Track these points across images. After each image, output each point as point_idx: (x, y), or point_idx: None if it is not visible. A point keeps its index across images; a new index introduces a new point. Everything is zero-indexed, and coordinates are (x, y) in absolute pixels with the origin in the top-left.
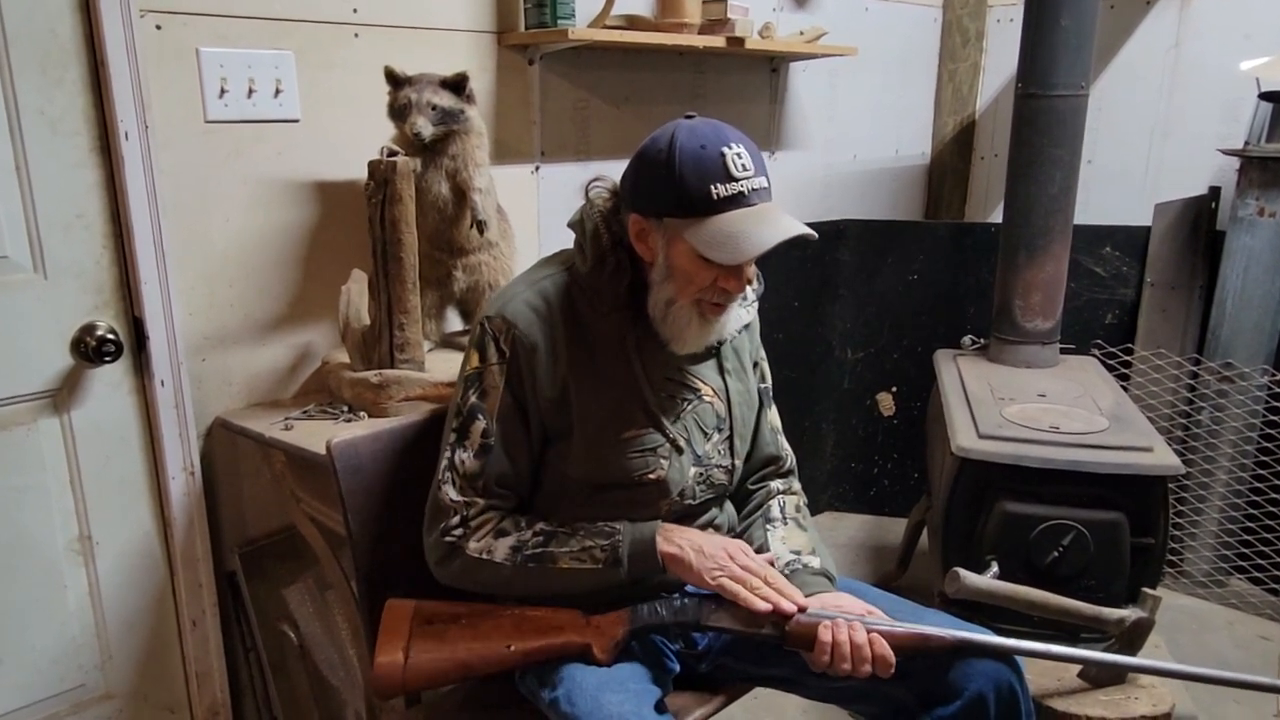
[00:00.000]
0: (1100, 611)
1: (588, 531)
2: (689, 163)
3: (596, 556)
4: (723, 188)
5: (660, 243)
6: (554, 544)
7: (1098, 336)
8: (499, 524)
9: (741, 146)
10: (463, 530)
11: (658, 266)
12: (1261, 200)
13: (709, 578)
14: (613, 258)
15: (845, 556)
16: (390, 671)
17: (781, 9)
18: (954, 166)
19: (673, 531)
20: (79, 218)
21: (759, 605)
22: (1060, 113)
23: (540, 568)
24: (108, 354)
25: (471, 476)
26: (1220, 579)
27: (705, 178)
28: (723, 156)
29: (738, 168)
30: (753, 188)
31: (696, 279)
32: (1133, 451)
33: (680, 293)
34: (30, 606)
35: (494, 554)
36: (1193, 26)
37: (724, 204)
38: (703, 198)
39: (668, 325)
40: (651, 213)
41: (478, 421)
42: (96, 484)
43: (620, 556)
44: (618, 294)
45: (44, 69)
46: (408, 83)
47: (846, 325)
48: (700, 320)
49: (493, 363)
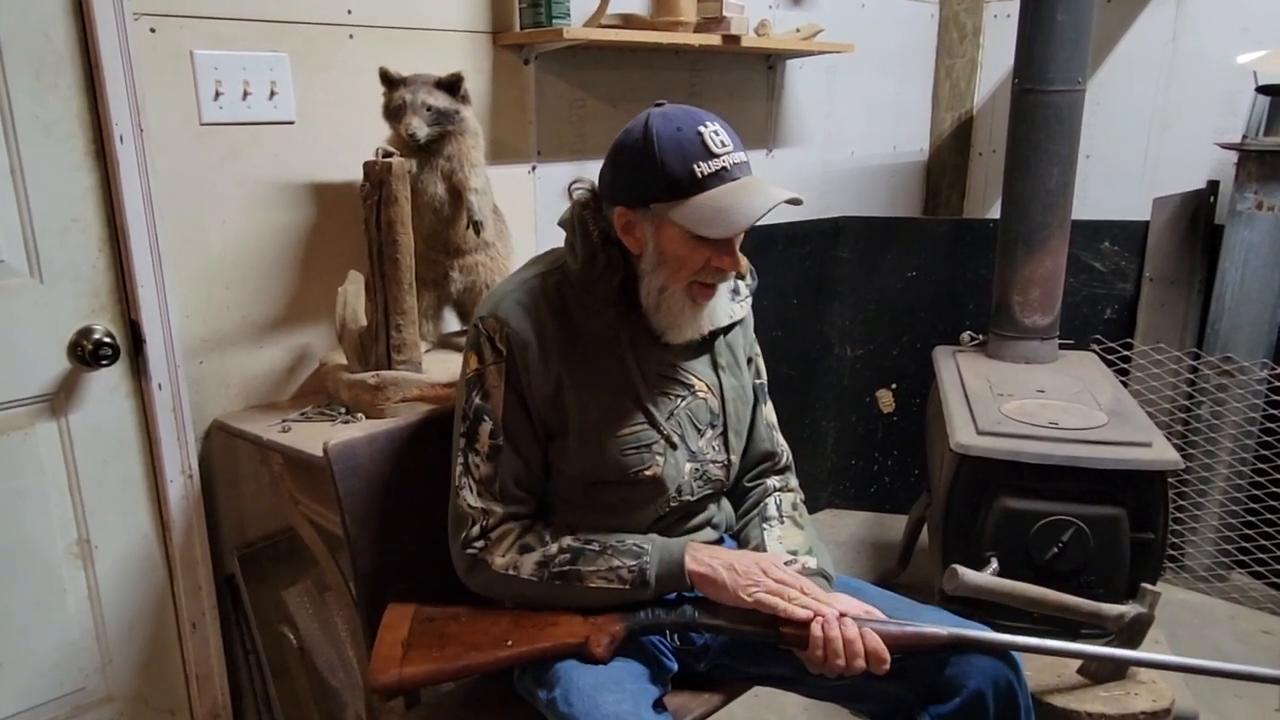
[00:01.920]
0: (1100, 607)
1: (615, 550)
2: (668, 146)
3: (624, 576)
4: (705, 165)
5: (648, 231)
6: (581, 562)
7: (1097, 332)
8: (521, 538)
9: (717, 124)
10: (484, 542)
11: (646, 256)
12: (1260, 194)
13: (745, 594)
14: (603, 255)
15: (846, 554)
16: (389, 671)
17: (777, 6)
18: (952, 162)
19: (701, 550)
20: (75, 221)
21: (800, 614)
22: (1057, 108)
23: (567, 585)
24: (105, 357)
25: (487, 480)
26: (1221, 573)
27: (687, 158)
28: (700, 135)
29: (717, 144)
30: (734, 162)
31: (689, 261)
32: (1132, 447)
33: (672, 278)
34: (30, 610)
35: (520, 570)
36: (1190, 20)
37: (709, 181)
38: (687, 178)
39: (662, 314)
40: (637, 202)
41: (484, 423)
42: (95, 488)
43: (648, 578)
44: (611, 289)
45: (38, 73)
46: (402, 83)
47: (845, 322)
48: (692, 305)
49: (491, 362)
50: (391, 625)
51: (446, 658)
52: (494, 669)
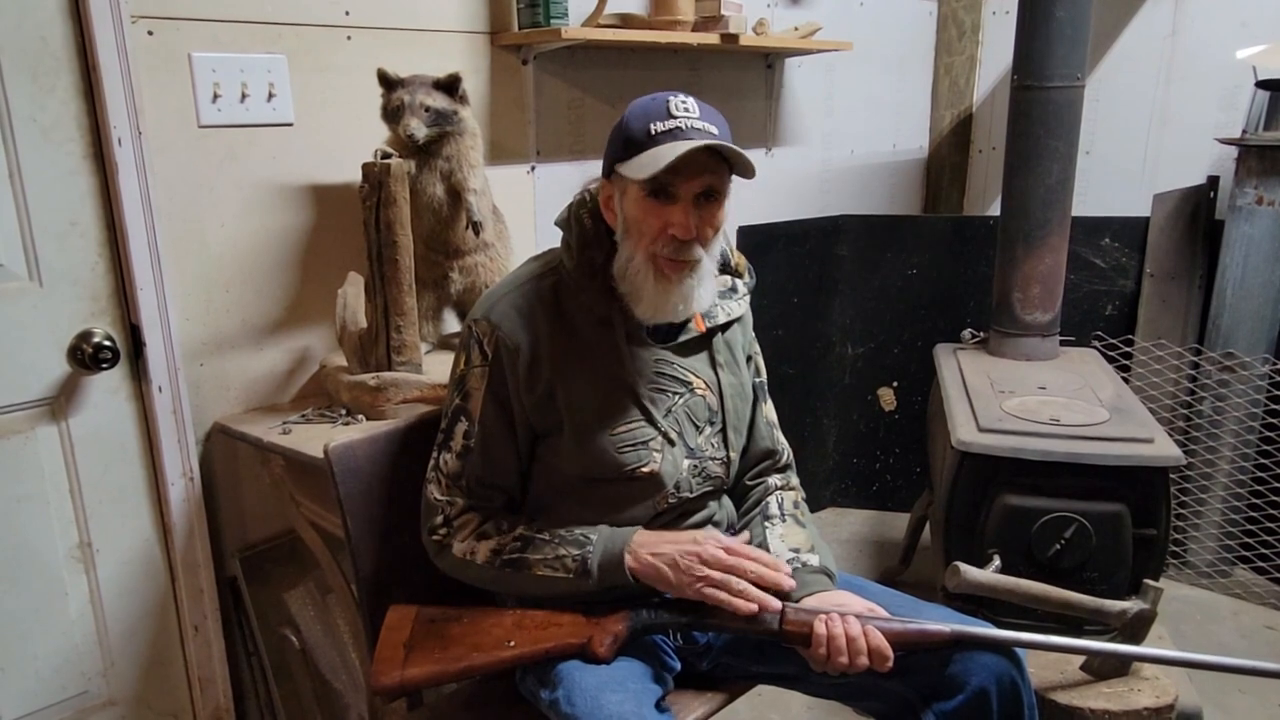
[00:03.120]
0: (1102, 604)
1: (563, 539)
2: (636, 112)
3: (568, 566)
4: (661, 124)
5: (617, 199)
6: (530, 550)
7: (1098, 328)
8: (481, 525)
9: (691, 100)
10: (446, 530)
11: (619, 225)
12: (1260, 189)
13: (690, 592)
14: (592, 232)
15: (848, 552)
16: (392, 673)
17: (775, 5)
18: (952, 160)
19: (643, 546)
20: (74, 225)
21: (745, 609)
22: (1057, 104)
23: (516, 572)
24: (105, 361)
25: (454, 476)
26: (1224, 569)
27: (647, 118)
28: (668, 103)
29: (679, 109)
30: (692, 125)
31: (645, 226)
32: (1134, 443)
33: (636, 246)
34: (32, 614)
35: (476, 556)
36: (1189, 15)
37: (661, 137)
38: (642, 135)
39: (628, 285)
40: (608, 171)
41: (461, 424)
42: (96, 491)
43: (590, 567)
44: (594, 264)
45: (35, 76)
46: (401, 85)
47: (846, 320)
48: (658, 279)
49: (476, 365)
50: (393, 626)
51: (449, 659)
52: (496, 670)
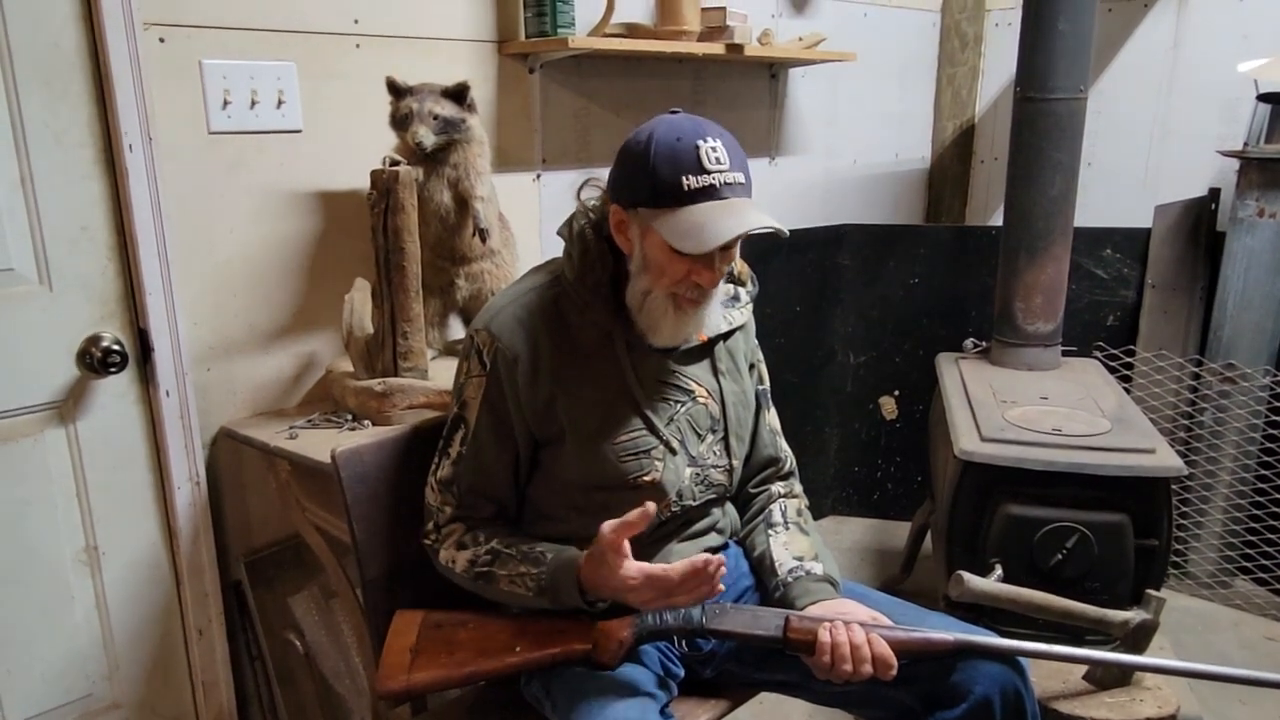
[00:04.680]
0: (1104, 614)
1: (524, 556)
2: (663, 154)
3: (528, 584)
4: (694, 179)
5: (636, 234)
6: (497, 564)
7: (1099, 338)
8: (462, 535)
9: (719, 141)
10: (435, 536)
11: (635, 257)
12: (1261, 201)
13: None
14: (595, 247)
15: (849, 561)
16: (397, 678)
17: (780, 15)
18: (954, 170)
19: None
20: (84, 230)
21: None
22: (1059, 116)
23: (487, 584)
24: (113, 365)
25: (445, 482)
26: (1225, 580)
27: (678, 169)
28: (697, 149)
29: (711, 160)
30: (725, 181)
31: (669, 271)
32: (1135, 453)
33: (655, 284)
34: (37, 617)
35: (456, 565)
36: (1191, 28)
37: (695, 195)
38: (673, 188)
39: (644, 316)
40: (628, 203)
41: (458, 431)
42: (102, 495)
43: (544, 587)
44: (599, 283)
45: (48, 82)
46: (409, 92)
47: (848, 329)
48: (676, 312)
49: (474, 375)
50: (400, 631)
51: (454, 664)
52: (501, 675)
